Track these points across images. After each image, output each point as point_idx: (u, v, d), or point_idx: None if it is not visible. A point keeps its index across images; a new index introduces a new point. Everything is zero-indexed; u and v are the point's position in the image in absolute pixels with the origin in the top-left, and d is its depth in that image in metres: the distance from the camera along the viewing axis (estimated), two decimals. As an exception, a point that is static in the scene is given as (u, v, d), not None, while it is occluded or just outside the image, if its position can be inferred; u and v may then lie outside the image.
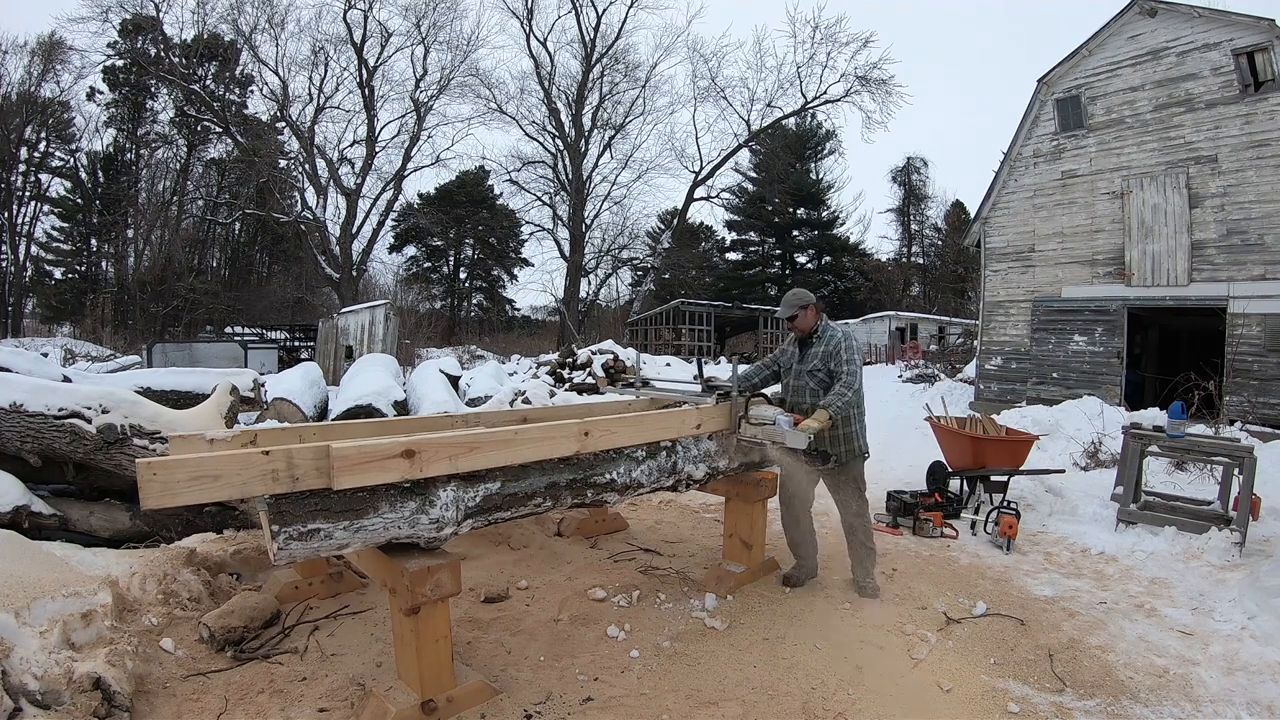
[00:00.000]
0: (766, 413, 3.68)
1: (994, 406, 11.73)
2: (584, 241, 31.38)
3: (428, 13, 28.58)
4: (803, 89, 29.89)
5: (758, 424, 3.67)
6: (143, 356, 17.49)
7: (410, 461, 2.43)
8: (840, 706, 2.76)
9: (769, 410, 3.72)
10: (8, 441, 3.97)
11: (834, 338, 3.84)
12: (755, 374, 4.18)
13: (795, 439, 3.44)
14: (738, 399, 3.81)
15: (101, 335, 25.04)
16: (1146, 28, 11.36)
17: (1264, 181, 10.17)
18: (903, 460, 7.95)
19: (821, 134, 41.91)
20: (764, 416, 3.65)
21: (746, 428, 3.72)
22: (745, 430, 3.72)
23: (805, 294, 3.95)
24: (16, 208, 30.38)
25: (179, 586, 3.40)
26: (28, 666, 2.31)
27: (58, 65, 29.12)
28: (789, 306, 3.90)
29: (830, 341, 3.84)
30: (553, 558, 4.46)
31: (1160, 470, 7.06)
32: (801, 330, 3.94)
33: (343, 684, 2.79)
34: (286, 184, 28.79)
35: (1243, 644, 3.34)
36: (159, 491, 2.04)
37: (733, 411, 3.77)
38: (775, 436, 3.54)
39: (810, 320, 3.92)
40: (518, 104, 31.18)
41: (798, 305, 3.88)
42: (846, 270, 43.25)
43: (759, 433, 3.64)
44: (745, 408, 3.78)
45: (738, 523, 4.08)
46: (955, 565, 4.57)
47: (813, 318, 3.93)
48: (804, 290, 3.98)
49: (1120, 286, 11.70)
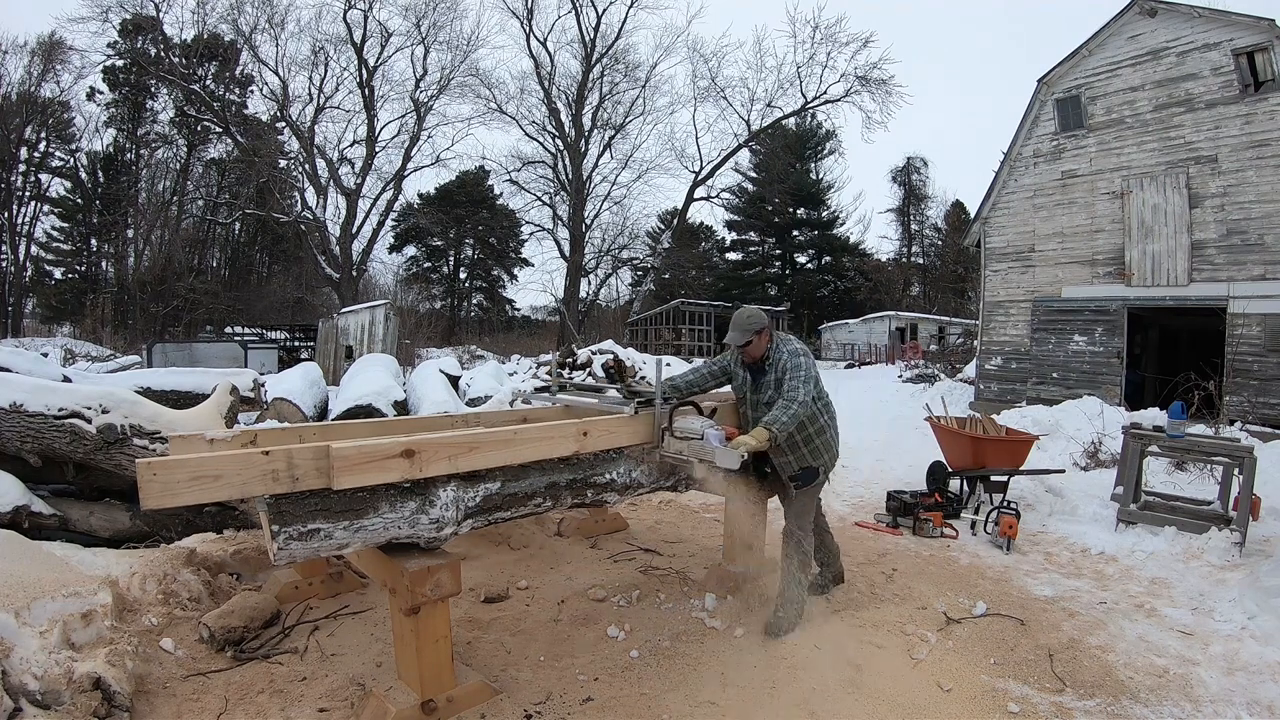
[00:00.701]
0: (693, 425, 3.13)
1: (994, 406, 11.73)
2: (584, 241, 31.36)
3: (428, 13, 28.57)
4: (803, 89, 29.85)
5: (683, 438, 3.12)
6: (143, 356, 17.49)
7: (410, 461, 2.43)
8: (840, 706, 2.76)
9: (695, 422, 3.16)
10: (8, 441, 3.97)
11: (781, 359, 3.42)
12: (695, 379, 3.72)
13: (726, 457, 2.92)
14: (662, 409, 3.29)
15: (101, 335, 25.04)
16: (1146, 28, 11.36)
17: (1264, 181, 10.17)
18: (903, 460, 7.94)
19: (821, 134, 41.94)
20: (690, 430, 3.10)
21: (671, 442, 3.17)
22: (669, 445, 3.18)
23: (759, 317, 3.45)
24: (16, 208, 30.39)
25: (179, 586, 3.40)
26: (28, 666, 2.31)
27: (58, 65, 29.15)
28: (742, 332, 3.39)
29: (779, 364, 3.43)
30: (553, 558, 4.46)
31: (1160, 470, 7.06)
32: (753, 357, 3.49)
33: (343, 684, 2.79)
34: (286, 184, 28.78)
35: (1243, 644, 3.34)
36: (159, 491, 2.04)
37: (656, 423, 3.26)
38: (703, 453, 3.02)
39: (763, 346, 3.47)
40: (518, 104, 31.17)
41: (751, 331, 3.39)
42: (846, 270, 43.26)
43: (685, 449, 3.10)
44: (670, 419, 3.23)
45: (738, 523, 4.08)
46: (955, 565, 4.57)
47: (765, 343, 3.47)
48: (757, 312, 3.49)
49: (1120, 286, 11.70)
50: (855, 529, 5.36)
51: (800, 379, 3.30)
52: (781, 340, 3.53)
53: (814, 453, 3.51)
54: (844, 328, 34.88)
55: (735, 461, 2.91)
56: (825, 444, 3.57)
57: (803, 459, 3.50)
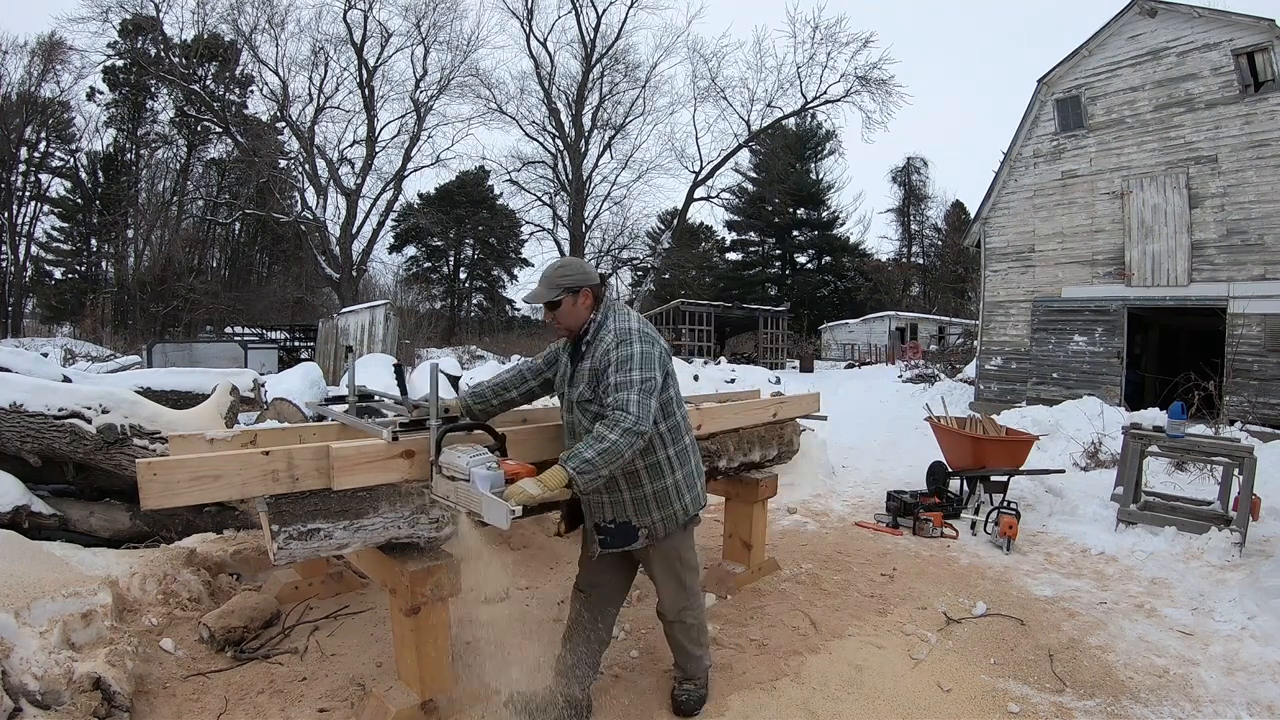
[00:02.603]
0: (459, 460, 2.13)
1: (994, 406, 11.73)
2: (584, 241, 31.37)
3: (428, 13, 28.59)
4: (803, 89, 29.88)
5: (452, 477, 2.16)
6: (143, 356, 17.49)
7: (410, 462, 2.42)
8: (840, 706, 2.76)
9: (464, 455, 2.14)
10: (8, 441, 3.97)
11: (604, 342, 2.26)
12: (507, 379, 2.68)
13: (494, 511, 2.00)
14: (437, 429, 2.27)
15: (101, 335, 25.03)
16: (1146, 28, 11.36)
17: (1264, 181, 10.18)
18: (903, 460, 7.95)
19: (821, 134, 41.99)
20: (457, 466, 2.13)
21: (439, 482, 2.23)
22: (438, 486, 2.25)
23: (575, 268, 2.36)
24: (16, 208, 30.42)
25: (179, 586, 3.40)
26: (28, 666, 2.31)
27: (58, 65, 29.18)
28: (547, 288, 2.33)
29: (599, 349, 2.26)
30: (553, 558, 4.46)
31: (1160, 470, 7.06)
32: (566, 329, 2.39)
33: (343, 684, 2.79)
34: (286, 184, 28.79)
35: (1243, 644, 3.34)
36: (159, 492, 2.04)
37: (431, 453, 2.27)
38: (469, 502, 2.10)
39: (580, 314, 2.33)
40: (518, 104, 31.20)
41: (559, 288, 2.31)
42: (846, 270, 43.29)
43: (452, 493, 2.18)
44: (437, 448, 2.24)
45: (738, 523, 4.08)
46: (955, 565, 4.57)
47: (584, 310, 2.33)
48: (575, 262, 2.44)
49: (1120, 286, 11.71)
50: (855, 529, 5.36)
51: (633, 381, 2.15)
52: (614, 313, 2.34)
53: (645, 501, 2.35)
54: (844, 328, 34.91)
55: (504, 519, 1.98)
56: (672, 489, 2.37)
57: (621, 507, 2.35)
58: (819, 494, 6.38)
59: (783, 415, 4.19)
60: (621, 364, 2.19)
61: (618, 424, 2.10)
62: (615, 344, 2.23)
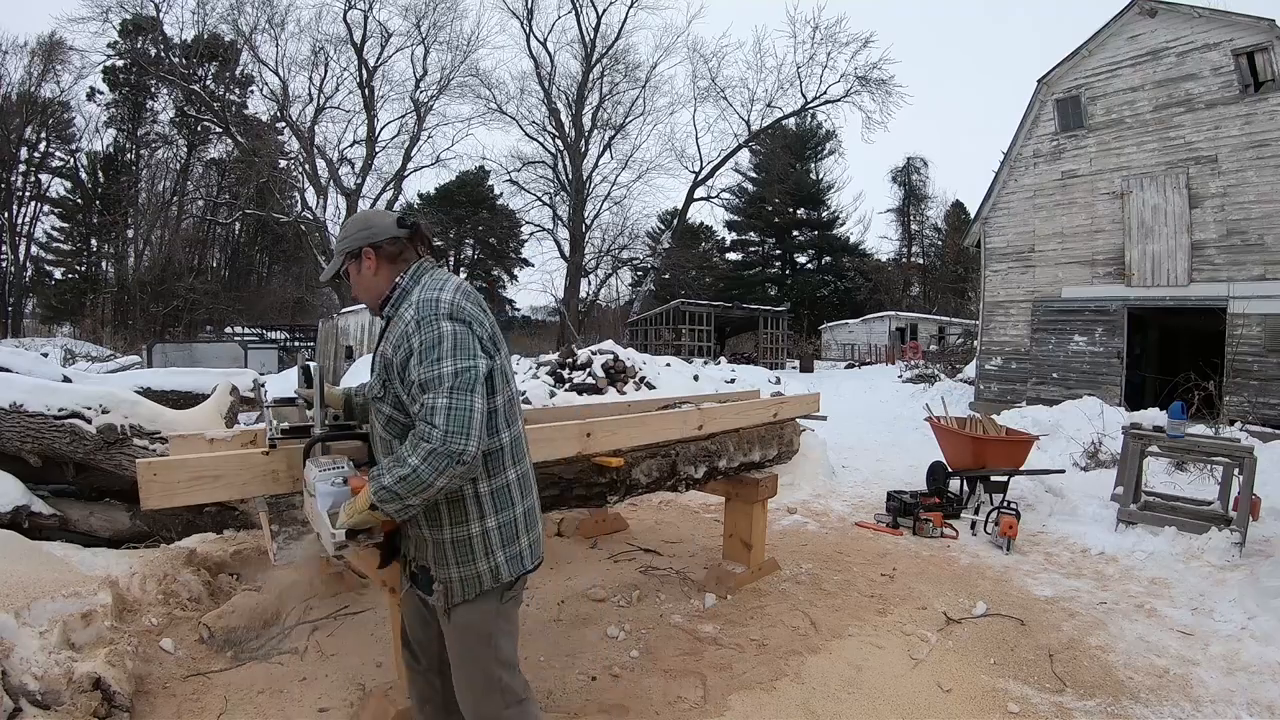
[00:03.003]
0: (309, 473, 1.81)
1: (994, 407, 11.74)
2: (584, 241, 31.36)
3: (428, 13, 28.60)
4: (803, 89, 29.86)
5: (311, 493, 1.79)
6: (143, 357, 17.51)
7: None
8: (840, 706, 2.77)
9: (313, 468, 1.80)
10: (8, 441, 3.96)
11: (404, 318, 1.66)
12: None
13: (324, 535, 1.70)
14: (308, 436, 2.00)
15: (101, 335, 25.06)
16: (1146, 28, 11.37)
17: (1264, 181, 10.18)
18: (903, 460, 7.95)
19: (821, 134, 41.95)
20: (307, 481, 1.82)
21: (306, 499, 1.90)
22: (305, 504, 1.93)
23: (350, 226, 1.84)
24: (16, 208, 30.46)
25: (179, 586, 3.40)
26: (28, 667, 2.31)
27: (58, 65, 29.24)
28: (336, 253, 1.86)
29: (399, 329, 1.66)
30: (553, 558, 4.46)
31: (1160, 470, 7.06)
32: (366, 299, 1.86)
33: (343, 684, 2.79)
34: (286, 184, 28.81)
35: (1243, 644, 3.34)
36: (159, 492, 2.04)
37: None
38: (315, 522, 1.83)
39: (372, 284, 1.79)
40: (518, 104, 31.19)
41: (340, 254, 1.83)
42: (846, 270, 43.28)
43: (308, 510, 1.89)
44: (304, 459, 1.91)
45: (738, 523, 4.08)
46: (955, 565, 4.57)
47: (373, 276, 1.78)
48: (355, 219, 1.87)
49: (1120, 287, 11.71)
50: (855, 529, 5.36)
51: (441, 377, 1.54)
52: (426, 278, 1.74)
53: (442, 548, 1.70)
54: (844, 328, 34.92)
55: (329, 545, 1.66)
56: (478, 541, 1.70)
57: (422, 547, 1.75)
58: (819, 494, 6.38)
59: (783, 415, 4.19)
60: (426, 352, 1.56)
61: (421, 443, 1.50)
62: (416, 323, 1.60)
